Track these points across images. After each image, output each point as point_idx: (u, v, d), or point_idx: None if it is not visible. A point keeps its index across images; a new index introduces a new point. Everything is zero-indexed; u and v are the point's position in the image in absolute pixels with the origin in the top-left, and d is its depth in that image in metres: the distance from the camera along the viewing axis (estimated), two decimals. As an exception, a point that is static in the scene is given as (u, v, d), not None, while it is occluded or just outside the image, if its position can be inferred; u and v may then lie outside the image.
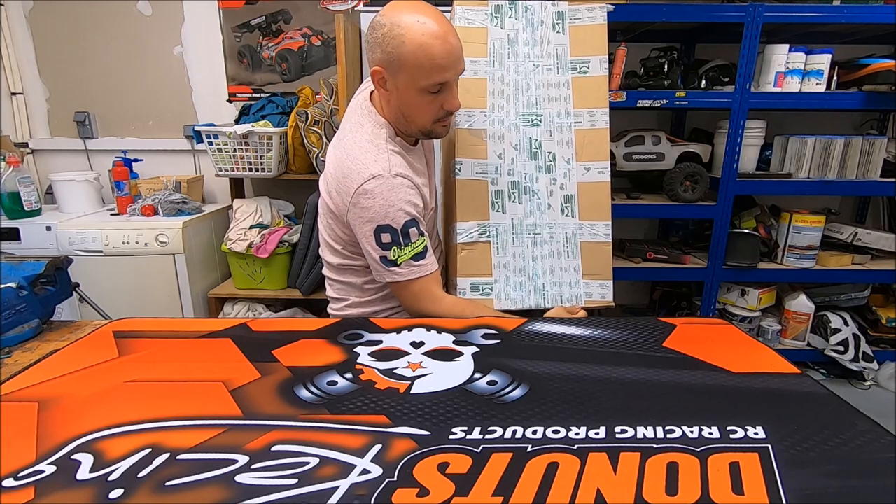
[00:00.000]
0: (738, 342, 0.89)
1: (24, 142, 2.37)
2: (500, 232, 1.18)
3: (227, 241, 2.02)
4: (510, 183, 1.19)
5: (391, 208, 0.97)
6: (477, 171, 1.17)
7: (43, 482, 0.52)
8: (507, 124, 1.18)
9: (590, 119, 1.21)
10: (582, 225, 1.21)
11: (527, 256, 1.19)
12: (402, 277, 1.01)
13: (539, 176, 1.19)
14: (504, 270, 1.18)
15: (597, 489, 0.51)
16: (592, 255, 1.21)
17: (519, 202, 1.19)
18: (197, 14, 2.27)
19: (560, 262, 1.20)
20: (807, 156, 2.01)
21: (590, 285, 1.21)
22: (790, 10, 1.83)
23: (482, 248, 1.17)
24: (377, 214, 0.98)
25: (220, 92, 2.35)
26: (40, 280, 1.00)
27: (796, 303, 2.16)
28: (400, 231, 0.98)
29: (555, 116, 1.20)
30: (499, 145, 1.18)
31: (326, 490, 0.51)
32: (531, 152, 1.19)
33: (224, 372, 0.75)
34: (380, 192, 0.97)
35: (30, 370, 0.76)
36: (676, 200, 2.01)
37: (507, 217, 1.19)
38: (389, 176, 0.98)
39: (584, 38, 1.21)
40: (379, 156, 1.00)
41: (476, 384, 0.73)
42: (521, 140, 1.19)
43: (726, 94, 1.92)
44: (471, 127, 1.17)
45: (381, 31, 0.94)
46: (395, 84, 0.97)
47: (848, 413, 0.66)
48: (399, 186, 0.98)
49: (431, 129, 1.03)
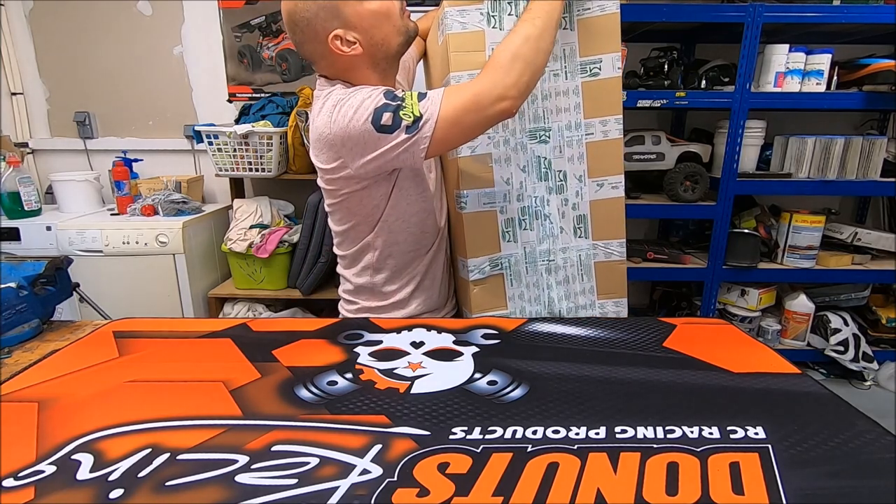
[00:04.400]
0: (738, 342, 0.89)
1: (24, 142, 2.37)
2: (513, 263, 1.08)
3: (227, 241, 2.02)
4: (520, 209, 1.07)
5: (367, 97, 0.87)
6: (484, 202, 1.05)
7: (43, 482, 0.52)
8: (514, 144, 1.05)
9: (602, 129, 1.08)
10: (595, 245, 1.11)
11: (541, 285, 1.10)
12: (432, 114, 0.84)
13: (550, 198, 1.08)
14: (519, 301, 1.10)
15: (597, 489, 0.51)
16: (607, 274, 1.13)
17: (531, 229, 1.08)
18: (197, 14, 2.27)
19: (574, 286, 1.12)
20: (807, 156, 2.01)
21: (604, 305, 1.14)
22: (790, 10, 1.84)
23: (494, 282, 1.08)
24: (359, 110, 0.86)
25: (220, 92, 2.35)
26: (40, 280, 1.00)
27: (796, 303, 2.16)
28: (387, 99, 0.86)
29: (564, 130, 1.07)
30: (506, 169, 1.06)
31: (326, 490, 0.51)
32: (540, 173, 1.07)
33: (224, 372, 0.75)
34: (346, 94, 0.90)
35: (30, 370, 0.76)
36: (676, 200, 2.01)
37: (518, 247, 1.08)
38: (341, 85, 0.95)
39: (594, 32, 1.04)
40: (348, 88, 0.95)
41: (476, 384, 0.73)
42: (529, 160, 1.06)
43: (726, 94, 1.92)
44: (474, 153, 1.03)
45: (307, 15, 0.91)
46: (350, 24, 0.91)
47: (848, 413, 0.66)
48: (370, 88, 0.91)
49: (405, 25, 0.96)
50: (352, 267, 1.11)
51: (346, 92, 0.91)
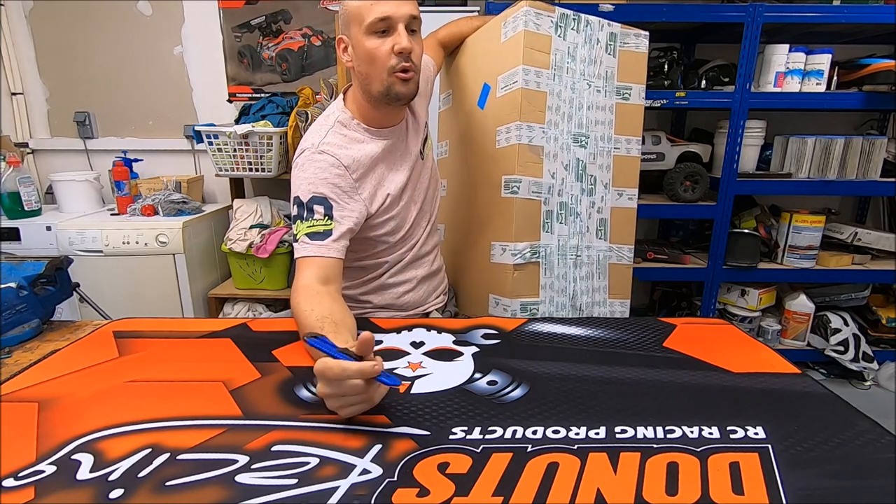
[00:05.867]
0: (738, 342, 0.89)
1: (24, 142, 2.37)
2: (548, 253, 1.17)
3: (227, 241, 2.02)
4: (559, 204, 1.17)
5: (304, 181, 0.97)
6: (533, 190, 1.14)
7: (43, 482, 0.52)
8: (561, 143, 1.15)
9: (626, 146, 1.22)
10: (611, 248, 1.23)
11: (569, 277, 1.19)
12: (297, 253, 0.95)
13: (582, 198, 1.19)
14: (549, 291, 1.18)
15: (597, 489, 0.51)
16: (617, 276, 1.24)
17: (565, 223, 1.18)
18: (197, 14, 2.27)
19: (593, 282, 1.22)
20: (807, 156, 2.01)
21: (613, 304, 1.25)
22: (790, 10, 1.83)
23: (531, 270, 1.15)
24: (294, 186, 0.98)
25: (220, 92, 2.35)
26: (40, 280, 1.00)
27: (796, 303, 2.16)
28: (305, 205, 0.96)
29: (598, 140, 1.19)
30: (553, 164, 1.15)
31: (326, 490, 0.51)
32: (577, 174, 1.18)
33: (224, 372, 0.75)
34: (301, 164, 0.99)
35: (30, 370, 0.76)
36: (676, 200, 2.01)
37: (554, 238, 1.17)
38: (314, 151, 0.98)
39: (629, 64, 1.20)
40: (317, 133, 1.01)
41: (476, 384, 0.73)
42: (570, 160, 1.17)
43: (726, 94, 1.92)
44: (531, 143, 1.12)
45: (341, 10, 0.97)
46: (352, 42, 0.97)
47: (848, 413, 0.66)
48: (319, 162, 0.97)
49: (390, 84, 0.96)
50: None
51: (306, 157, 0.99)
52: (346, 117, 1.03)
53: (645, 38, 1.21)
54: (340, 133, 1.02)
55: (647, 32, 1.22)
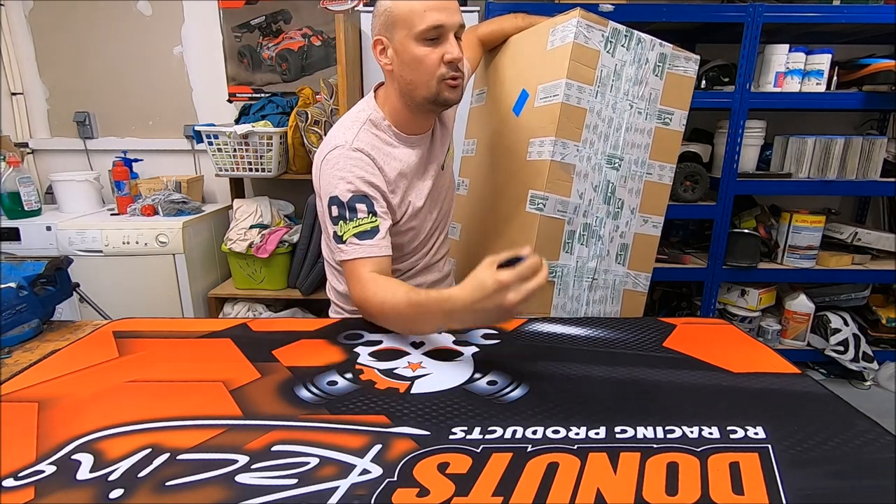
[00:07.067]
0: (738, 342, 0.89)
1: (24, 142, 2.37)
2: (565, 274, 1.13)
3: (227, 241, 2.02)
4: (583, 225, 1.14)
5: (341, 180, 0.93)
6: (559, 209, 1.10)
7: (43, 482, 0.52)
8: (594, 163, 1.12)
9: (659, 172, 1.18)
10: (629, 273, 1.20)
11: (581, 300, 1.16)
12: (346, 256, 0.92)
13: (607, 221, 1.15)
14: (560, 312, 1.15)
15: (597, 489, 0.51)
16: (630, 302, 1.21)
17: (586, 245, 1.14)
18: (197, 14, 2.27)
19: (605, 307, 1.19)
20: (807, 156, 2.01)
21: None
22: (790, 10, 1.84)
23: (544, 289, 1.11)
24: (329, 185, 0.94)
25: (220, 92, 2.35)
26: (40, 280, 1.00)
27: (796, 303, 2.16)
28: (346, 204, 0.93)
29: (632, 163, 1.15)
30: (582, 184, 1.11)
31: (326, 490, 0.51)
32: (606, 196, 1.14)
33: (224, 372, 0.75)
34: (335, 162, 0.95)
35: (30, 370, 0.76)
36: (676, 200, 2.01)
37: (573, 259, 1.14)
38: (348, 148, 0.95)
39: (675, 87, 1.15)
40: (349, 130, 0.98)
41: (476, 384, 0.73)
42: (600, 182, 1.13)
43: (726, 94, 1.92)
44: (563, 160, 1.08)
45: (378, 10, 0.95)
46: (394, 46, 0.94)
47: (848, 413, 0.66)
48: (355, 160, 0.95)
49: (438, 90, 0.95)
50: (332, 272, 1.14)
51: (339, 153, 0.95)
52: (378, 117, 1.01)
53: (695, 63, 1.17)
54: (372, 132, 0.99)
55: (699, 57, 1.17)
